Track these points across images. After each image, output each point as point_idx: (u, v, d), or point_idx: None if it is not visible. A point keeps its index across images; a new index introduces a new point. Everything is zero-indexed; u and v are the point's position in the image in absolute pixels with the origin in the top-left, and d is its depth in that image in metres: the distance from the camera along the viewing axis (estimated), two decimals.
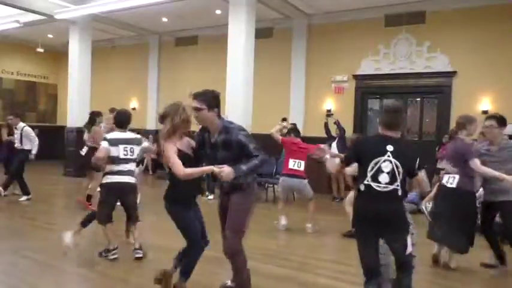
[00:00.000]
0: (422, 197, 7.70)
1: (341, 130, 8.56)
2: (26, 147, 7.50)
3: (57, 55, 15.09)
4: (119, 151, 4.35)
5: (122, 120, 4.59)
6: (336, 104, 10.11)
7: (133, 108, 13.55)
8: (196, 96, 3.14)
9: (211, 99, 3.14)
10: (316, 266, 4.46)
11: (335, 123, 8.59)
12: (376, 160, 2.83)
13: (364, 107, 9.99)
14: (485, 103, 8.53)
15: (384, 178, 2.82)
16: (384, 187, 2.81)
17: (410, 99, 9.70)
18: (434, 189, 7.46)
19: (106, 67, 13.59)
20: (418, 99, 9.60)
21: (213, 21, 10.87)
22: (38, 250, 4.66)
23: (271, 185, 8.67)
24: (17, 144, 7.55)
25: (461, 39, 8.71)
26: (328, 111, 8.57)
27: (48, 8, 10.11)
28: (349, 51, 9.87)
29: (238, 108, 8.46)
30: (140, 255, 4.41)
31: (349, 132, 9.79)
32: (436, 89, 9.14)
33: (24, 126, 7.61)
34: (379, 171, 2.82)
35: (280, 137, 6.13)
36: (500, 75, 8.34)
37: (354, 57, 9.81)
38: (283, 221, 6.05)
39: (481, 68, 8.52)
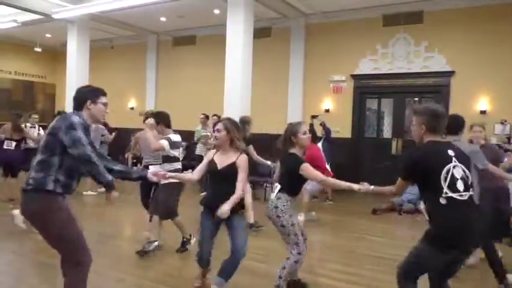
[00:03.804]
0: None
1: (327, 131, 8.59)
2: None
3: (55, 55, 15.05)
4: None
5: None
6: (334, 104, 10.12)
7: (132, 108, 13.55)
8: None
9: None
10: (316, 266, 4.47)
11: (321, 124, 8.62)
12: (447, 168, 2.52)
13: (362, 106, 10.01)
14: (483, 103, 8.55)
15: (460, 186, 2.51)
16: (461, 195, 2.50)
17: (408, 99, 9.72)
18: None
19: (104, 67, 13.55)
20: (416, 99, 9.62)
21: (211, 20, 10.87)
22: (37, 250, 4.65)
23: (270, 185, 8.67)
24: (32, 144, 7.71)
25: (459, 39, 8.73)
26: (314, 116, 8.67)
27: (46, 8, 10.07)
28: (347, 51, 9.88)
29: (237, 108, 8.44)
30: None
31: (345, 133, 9.84)
32: (434, 89, 9.17)
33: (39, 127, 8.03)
34: (454, 179, 2.51)
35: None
36: (498, 75, 8.36)
37: (352, 57, 9.83)
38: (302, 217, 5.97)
39: (479, 68, 8.54)
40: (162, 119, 4.65)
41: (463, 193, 2.49)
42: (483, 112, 8.51)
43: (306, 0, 9.26)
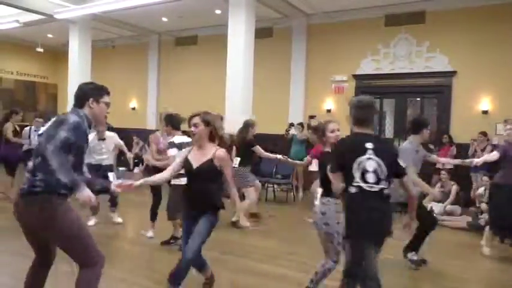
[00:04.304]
0: (423, 196, 7.73)
1: None
2: None
3: (57, 55, 15.08)
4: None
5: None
6: (336, 104, 10.10)
7: (133, 108, 13.57)
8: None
9: None
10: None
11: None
12: (359, 160, 2.63)
13: None
14: (485, 103, 8.53)
15: (370, 177, 2.62)
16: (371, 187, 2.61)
17: (410, 99, 9.70)
18: (436, 189, 7.44)
19: (106, 67, 13.57)
20: (418, 99, 9.60)
21: (212, 21, 10.87)
22: None
23: (272, 185, 8.67)
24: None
25: (461, 39, 8.70)
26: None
27: (48, 8, 10.10)
28: (349, 51, 9.86)
29: (238, 108, 8.45)
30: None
31: (347, 133, 9.80)
32: (436, 89, 9.14)
33: None
34: (365, 170, 2.62)
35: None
36: (500, 75, 8.33)
37: (354, 57, 9.81)
38: None
39: (480, 68, 8.52)
40: (170, 121, 4.80)
41: (374, 185, 2.59)
42: (485, 112, 8.48)
43: (307, 0, 9.24)
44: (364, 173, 2.61)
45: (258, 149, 6.09)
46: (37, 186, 2.43)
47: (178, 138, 4.69)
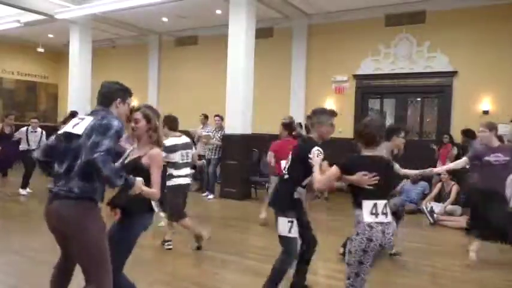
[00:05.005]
0: (423, 196, 7.73)
1: None
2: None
3: (58, 55, 15.08)
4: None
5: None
6: (337, 104, 10.09)
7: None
8: None
9: None
10: (316, 266, 4.45)
11: None
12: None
13: (364, 107, 9.98)
14: (486, 103, 8.52)
15: None
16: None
17: (410, 99, 9.70)
18: (436, 190, 7.45)
19: (106, 67, 13.58)
20: (419, 99, 9.60)
21: (213, 21, 10.87)
22: (38, 250, 4.66)
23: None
24: (35, 147, 7.85)
25: (462, 39, 8.70)
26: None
27: (48, 8, 10.11)
28: (349, 51, 9.86)
29: (239, 108, 8.46)
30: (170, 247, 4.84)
31: (347, 133, 9.80)
32: (437, 89, 9.14)
33: (42, 130, 8.23)
34: None
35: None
36: (501, 74, 8.32)
37: (354, 57, 9.80)
38: None
39: (481, 68, 8.51)
40: (166, 122, 4.80)
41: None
42: (486, 112, 8.47)
43: (308, 0, 9.24)
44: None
45: None
46: (74, 191, 2.38)
47: (171, 140, 4.69)
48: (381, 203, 2.59)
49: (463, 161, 4.90)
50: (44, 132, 8.17)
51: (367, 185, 2.58)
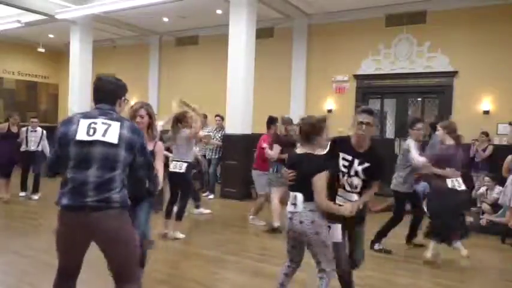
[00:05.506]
0: (424, 196, 7.70)
1: None
2: (46, 149, 7.93)
3: (58, 55, 15.09)
4: None
5: None
6: (337, 104, 10.11)
7: None
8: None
9: None
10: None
11: None
12: None
13: None
14: (486, 103, 8.51)
15: None
16: None
17: (411, 99, 9.69)
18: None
19: (107, 67, 13.58)
20: (419, 99, 9.59)
21: (213, 21, 10.87)
22: (38, 250, 4.67)
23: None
24: (34, 147, 7.91)
25: (462, 39, 8.69)
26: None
27: (49, 8, 10.12)
28: (349, 51, 9.86)
29: (239, 108, 8.46)
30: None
31: (348, 133, 9.78)
32: (437, 89, 9.13)
33: (43, 130, 8.19)
34: None
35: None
36: (501, 75, 8.32)
37: (355, 57, 9.80)
38: None
39: (482, 68, 8.50)
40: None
41: None
42: (486, 112, 8.47)
43: (308, 0, 9.24)
44: None
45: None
46: (116, 200, 2.30)
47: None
48: (293, 194, 2.90)
49: (422, 161, 4.98)
50: (44, 132, 8.11)
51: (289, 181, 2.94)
